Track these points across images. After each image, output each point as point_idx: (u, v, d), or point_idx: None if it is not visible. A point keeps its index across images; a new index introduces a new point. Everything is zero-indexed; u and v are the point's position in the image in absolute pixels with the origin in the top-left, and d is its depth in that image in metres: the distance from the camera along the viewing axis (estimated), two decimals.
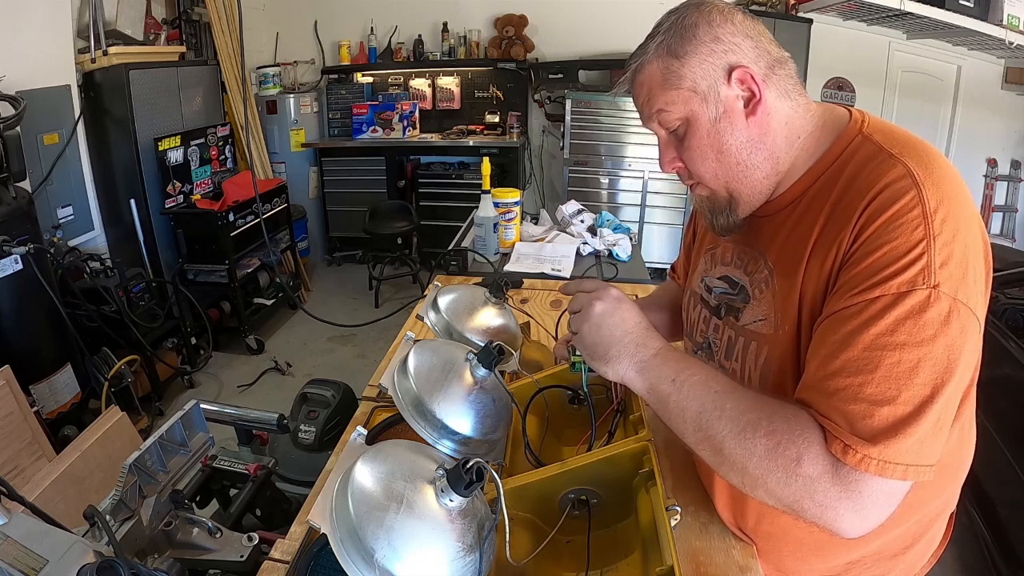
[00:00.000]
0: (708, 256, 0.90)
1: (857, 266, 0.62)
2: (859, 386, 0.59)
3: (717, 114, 0.70)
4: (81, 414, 2.41)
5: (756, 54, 0.70)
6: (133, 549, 0.76)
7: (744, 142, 0.71)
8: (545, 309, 1.59)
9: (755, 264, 0.78)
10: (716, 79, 0.69)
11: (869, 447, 0.58)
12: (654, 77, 0.72)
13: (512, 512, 0.62)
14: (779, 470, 0.61)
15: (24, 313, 2.20)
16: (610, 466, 0.75)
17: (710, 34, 0.69)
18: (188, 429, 0.88)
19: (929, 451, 0.59)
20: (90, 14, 2.94)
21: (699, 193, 0.78)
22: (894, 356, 0.58)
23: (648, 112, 0.75)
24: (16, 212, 2.16)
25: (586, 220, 2.15)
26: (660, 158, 0.78)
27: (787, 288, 0.71)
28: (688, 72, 0.70)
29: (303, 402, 1.19)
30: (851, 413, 0.59)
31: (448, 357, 0.81)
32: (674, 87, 0.71)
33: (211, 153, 3.53)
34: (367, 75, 4.69)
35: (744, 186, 0.74)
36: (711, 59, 0.69)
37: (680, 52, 0.70)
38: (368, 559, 0.51)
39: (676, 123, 0.73)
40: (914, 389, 0.58)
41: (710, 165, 0.73)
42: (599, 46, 4.36)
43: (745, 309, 0.78)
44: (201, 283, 3.36)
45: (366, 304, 4.07)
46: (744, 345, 0.77)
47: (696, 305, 0.90)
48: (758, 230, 0.78)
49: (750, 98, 0.70)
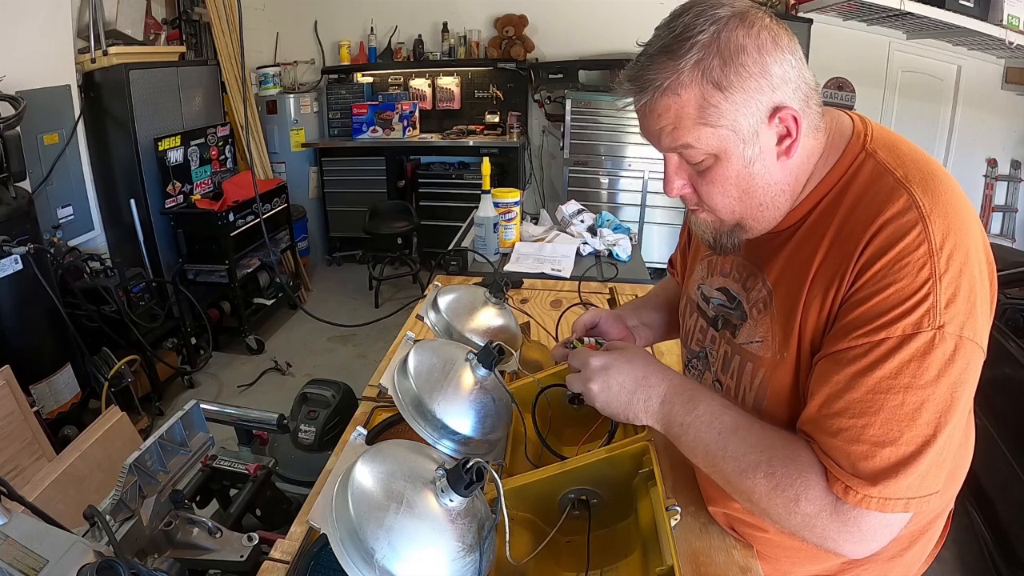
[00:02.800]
0: (705, 263, 0.87)
1: (861, 306, 0.60)
2: (862, 428, 0.59)
3: (753, 156, 0.64)
4: (81, 414, 2.41)
5: (796, 86, 0.63)
6: (133, 549, 0.76)
7: (771, 184, 0.66)
8: (545, 309, 1.59)
9: (753, 280, 0.76)
10: (760, 119, 0.62)
11: (869, 487, 0.59)
12: (688, 105, 0.62)
13: (512, 512, 0.62)
14: (779, 507, 0.64)
15: (24, 313, 2.20)
16: (610, 466, 0.75)
17: (759, 65, 0.60)
18: (188, 429, 0.88)
19: (931, 482, 0.59)
20: (90, 14, 2.93)
21: (704, 219, 0.73)
22: (897, 399, 0.58)
23: (669, 143, 0.66)
24: (16, 212, 2.16)
25: (586, 220, 2.15)
26: (666, 182, 0.70)
27: (786, 315, 0.69)
28: (730, 109, 0.61)
29: (303, 402, 1.19)
30: (853, 454, 0.59)
31: (448, 357, 0.81)
32: (711, 124, 0.62)
33: (211, 153, 3.53)
34: (367, 75, 4.69)
35: (758, 222, 0.70)
36: (758, 96, 0.61)
37: (724, 83, 0.60)
38: (368, 559, 0.51)
39: (701, 158, 0.65)
40: (916, 429, 0.58)
41: (730, 202, 0.68)
42: (599, 46, 4.35)
43: (742, 327, 0.76)
44: (201, 283, 3.36)
45: (366, 304, 4.07)
46: (740, 364, 0.76)
47: (692, 313, 0.89)
48: (758, 244, 0.75)
49: (784, 136, 0.64)
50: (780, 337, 0.70)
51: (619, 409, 0.74)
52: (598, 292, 1.70)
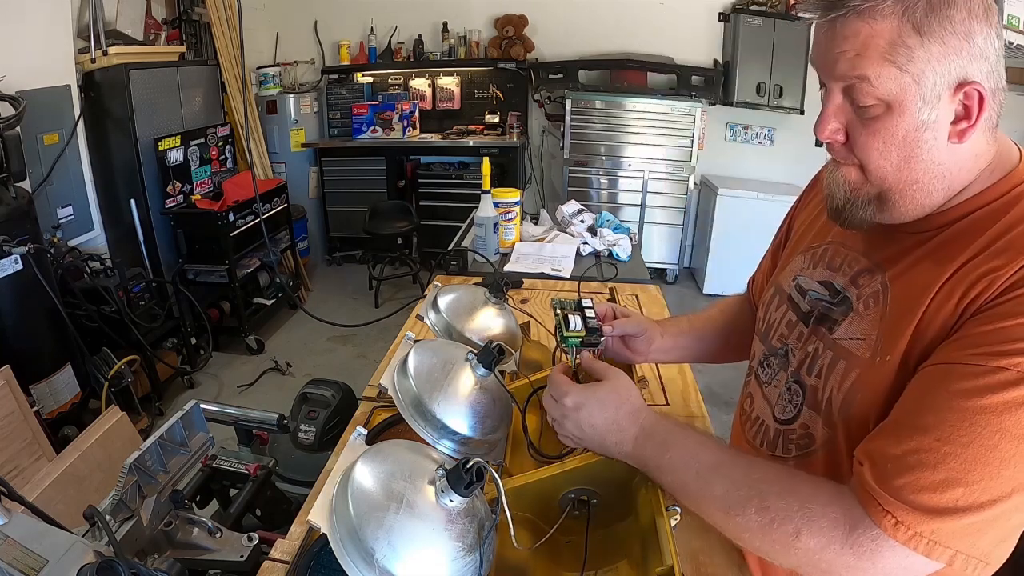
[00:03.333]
0: (809, 254, 0.79)
1: (992, 323, 0.54)
2: (943, 456, 0.53)
3: (927, 121, 0.57)
4: (81, 414, 2.41)
5: (990, 71, 0.57)
6: (133, 549, 0.75)
7: (934, 164, 0.60)
8: (545, 309, 1.59)
9: (868, 277, 0.68)
10: (946, 84, 0.56)
11: (925, 523, 0.53)
12: (879, 37, 0.55)
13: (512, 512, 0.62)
14: (777, 544, 0.60)
15: (24, 313, 2.20)
16: (610, 466, 0.75)
17: (966, 26, 0.54)
18: (188, 429, 0.88)
19: (986, 546, 0.53)
20: (90, 14, 2.93)
21: (847, 176, 0.64)
22: (993, 439, 0.52)
23: (843, 71, 0.58)
24: (16, 212, 2.16)
25: (586, 220, 2.15)
26: (820, 122, 0.62)
27: (901, 312, 0.62)
28: (922, 57, 0.55)
29: (303, 402, 1.19)
30: (921, 483, 0.54)
31: (448, 357, 0.81)
32: (898, 65, 0.55)
33: (211, 153, 3.53)
34: (367, 75, 4.69)
35: (905, 202, 0.62)
36: (954, 58, 0.55)
37: (925, 28, 0.54)
38: (368, 559, 0.51)
39: (872, 102, 0.58)
40: (997, 482, 0.52)
41: (885, 164, 0.61)
42: (599, 46, 4.35)
43: (843, 322, 0.69)
44: (201, 283, 3.36)
45: (366, 304, 4.07)
46: (831, 361, 0.69)
47: (781, 305, 0.81)
48: (882, 242, 0.68)
49: (961, 118, 0.58)
50: (887, 337, 0.63)
51: (594, 447, 0.74)
52: (598, 292, 1.70)
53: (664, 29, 4.24)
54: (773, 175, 4.31)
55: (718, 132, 4.43)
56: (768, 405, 0.81)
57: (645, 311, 1.59)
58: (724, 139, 4.48)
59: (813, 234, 0.81)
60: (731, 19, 4.12)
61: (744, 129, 4.46)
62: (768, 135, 4.43)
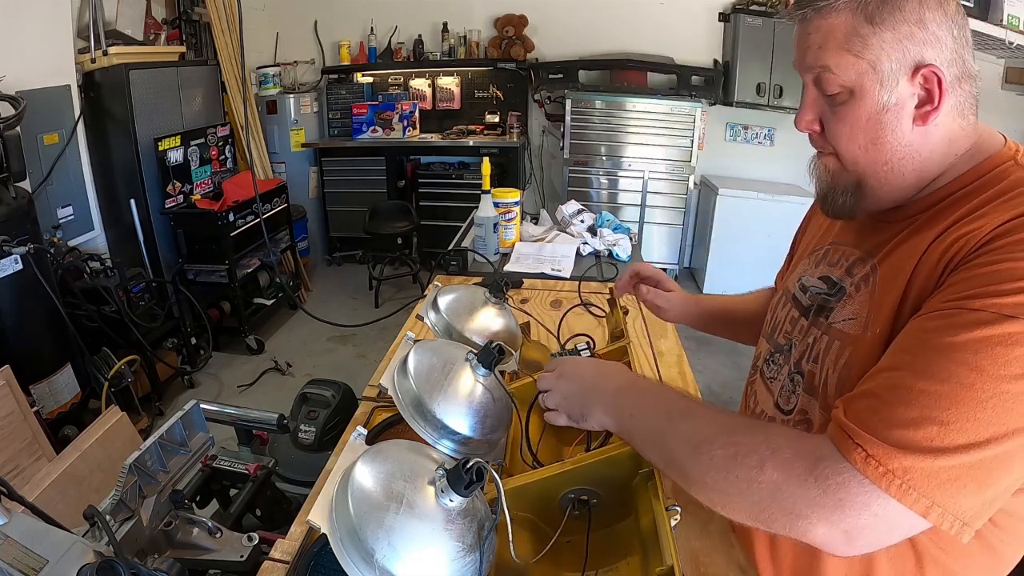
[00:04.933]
0: (812, 257, 0.83)
1: (970, 271, 0.56)
2: (919, 392, 0.53)
3: (887, 103, 0.62)
4: (81, 414, 2.41)
5: (951, 58, 0.61)
6: (133, 549, 0.76)
7: (901, 145, 0.64)
8: (545, 309, 1.59)
9: (860, 265, 0.72)
10: (902, 67, 0.61)
11: (898, 458, 0.51)
12: (836, 29, 0.62)
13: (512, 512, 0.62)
14: (740, 480, 0.58)
15: (24, 313, 2.20)
16: (610, 466, 0.75)
17: (917, 14, 0.60)
18: (188, 429, 0.88)
19: (965, 499, 0.51)
20: (90, 14, 2.93)
21: (826, 164, 0.70)
22: (969, 378, 0.51)
23: (810, 62, 0.65)
24: (16, 212, 2.16)
25: (586, 220, 2.15)
26: (799, 114, 0.69)
27: (889, 286, 0.65)
28: (875, 43, 0.61)
29: (303, 402, 1.19)
30: (895, 417, 0.53)
31: (448, 357, 0.81)
32: (853, 52, 0.62)
33: (211, 153, 3.53)
34: (367, 75, 4.69)
35: (880, 185, 0.67)
36: (906, 43, 0.60)
37: (877, 18, 0.60)
38: (368, 559, 0.51)
39: (837, 89, 0.64)
40: (973, 425, 0.51)
41: (855, 149, 0.66)
42: (599, 46, 4.35)
43: (837, 307, 0.72)
44: (201, 283, 3.36)
45: (366, 304, 4.07)
46: (827, 345, 0.71)
47: (785, 305, 0.84)
48: (872, 232, 0.72)
49: (924, 102, 0.62)
50: (876, 310, 0.65)
51: (576, 409, 0.76)
52: (598, 292, 1.70)
53: (664, 29, 4.24)
54: (773, 175, 4.31)
55: (718, 132, 4.43)
56: (771, 396, 0.82)
57: (645, 311, 1.59)
58: (724, 139, 4.48)
59: (819, 239, 0.85)
60: (731, 19, 4.11)
61: (744, 129, 4.46)
62: (768, 135, 4.43)
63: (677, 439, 0.65)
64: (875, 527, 0.53)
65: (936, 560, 0.66)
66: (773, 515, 0.56)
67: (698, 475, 0.62)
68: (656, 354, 1.38)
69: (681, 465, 0.64)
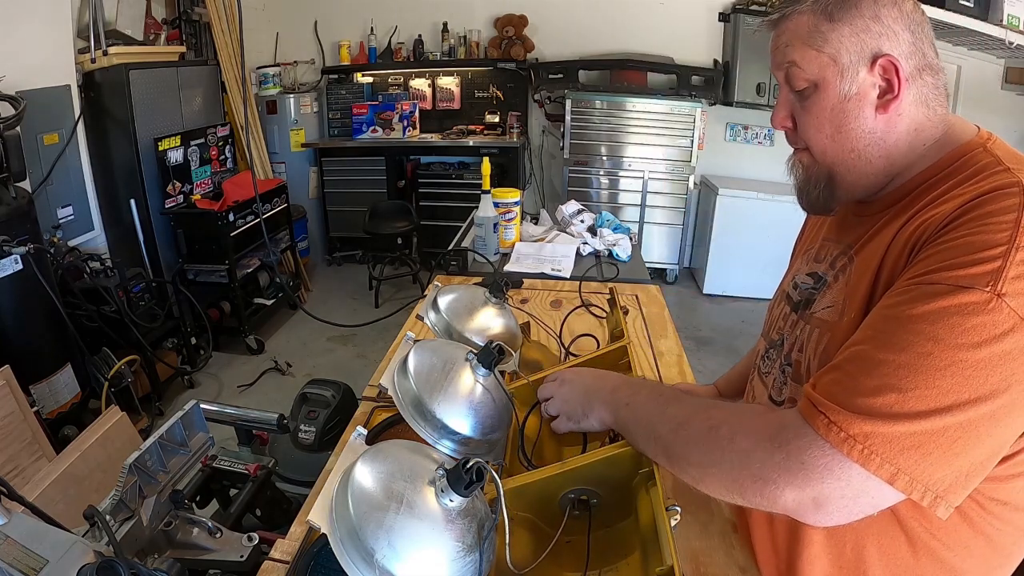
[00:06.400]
0: (804, 257, 0.87)
1: (932, 249, 0.59)
2: (879, 362, 0.55)
3: (848, 93, 0.67)
4: (81, 414, 2.41)
5: (910, 51, 0.65)
6: (133, 549, 0.75)
7: (865, 132, 0.68)
8: (545, 309, 1.59)
9: (842, 258, 0.76)
10: (860, 59, 0.66)
11: (857, 424, 0.53)
12: (800, 28, 0.68)
13: (512, 512, 0.62)
14: (715, 452, 0.62)
15: (24, 313, 2.20)
16: (610, 466, 0.75)
17: (872, 11, 0.65)
18: (188, 429, 0.88)
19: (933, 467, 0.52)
20: (90, 14, 2.93)
21: (800, 159, 0.75)
22: (927, 347, 0.53)
23: (780, 60, 0.71)
24: (16, 212, 2.16)
25: (586, 220, 2.15)
26: (774, 113, 0.75)
27: (862, 272, 0.68)
28: (834, 38, 0.66)
29: (303, 402, 1.19)
30: (858, 387, 0.55)
31: (448, 357, 0.81)
32: (815, 47, 0.67)
33: (211, 153, 3.53)
34: (367, 75, 4.69)
35: (849, 174, 0.71)
36: (863, 36, 0.65)
37: (835, 16, 0.66)
38: (368, 559, 0.51)
39: (804, 84, 0.69)
40: (933, 392, 0.52)
41: (823, 139, 0.70)
42: (599, 46, 4.36)
43: (819, 297, 0.76)
44: (201, 283, 3.36)
45: (366, 304, 4.07)
46: (809, 334, 0.75)
47: (780, 303, 0.88)
48: (852, 227, 0.76)
49: (885, 91, 0.66)
50: (851, 296, 0.69)
51: (578, 408, 0.81)
52: (598, 292, 1.70)
53: (664, 29, 4.24)
54: (773, 175, 4.31)
55: (718, 132, 4.43)
56: (765, 390, 0.85)
57: (645, 311, 1.59)
58: (724, 139, 4.48)
59: (809, 239, 0.90)
60: (731, 19, 4.12)
61: (744, 129, 4.46)
62: (768, 135, 4.43)
63: (664, 421, 0.69)
64: (842, 493, 0.55)
65: (931, 550, 0.66)
66: (744, 483, 0.59)
67: (681, 451, 0.66)
68: (656, 354, 1.38)
69: (666, 444, 0.68)
